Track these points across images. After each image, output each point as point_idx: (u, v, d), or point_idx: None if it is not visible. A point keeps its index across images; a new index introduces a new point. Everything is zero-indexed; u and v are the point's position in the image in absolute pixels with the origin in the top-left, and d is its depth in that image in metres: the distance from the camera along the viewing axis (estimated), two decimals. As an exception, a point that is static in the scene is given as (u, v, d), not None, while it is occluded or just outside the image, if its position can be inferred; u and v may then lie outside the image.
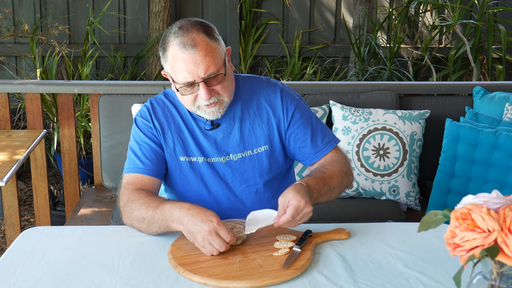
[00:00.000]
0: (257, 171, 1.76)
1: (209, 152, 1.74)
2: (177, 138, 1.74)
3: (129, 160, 1.75)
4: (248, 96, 1.77)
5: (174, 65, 1.60)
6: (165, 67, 1.67)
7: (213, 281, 1.36)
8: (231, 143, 1.74)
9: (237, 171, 1.75)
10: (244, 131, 1.75)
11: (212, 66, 1.59)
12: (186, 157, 1.74)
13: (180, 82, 1.61)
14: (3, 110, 2.87)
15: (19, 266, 1.44)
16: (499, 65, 4.10)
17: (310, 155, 1.79)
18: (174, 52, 1.60)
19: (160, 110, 1.77)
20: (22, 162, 2.43)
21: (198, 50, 1.57)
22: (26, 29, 4.03)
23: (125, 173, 1.73)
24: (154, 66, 4.45)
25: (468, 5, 4.01)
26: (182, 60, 1.58)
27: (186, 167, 1.75)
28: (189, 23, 1.62)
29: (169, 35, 1.61)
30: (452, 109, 2.81)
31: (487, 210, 1.01)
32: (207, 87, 1.61)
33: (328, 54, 4.68)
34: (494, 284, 1.07)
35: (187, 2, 4.61)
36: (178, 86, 1.63)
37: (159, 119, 1.76)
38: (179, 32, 1.60)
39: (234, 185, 1.76)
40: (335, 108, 2.72)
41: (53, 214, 3.18)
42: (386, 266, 1.46)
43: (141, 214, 1.58)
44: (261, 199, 1.79)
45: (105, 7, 4.27)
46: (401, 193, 2.64)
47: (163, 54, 1.65)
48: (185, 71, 1.58)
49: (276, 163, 1.79)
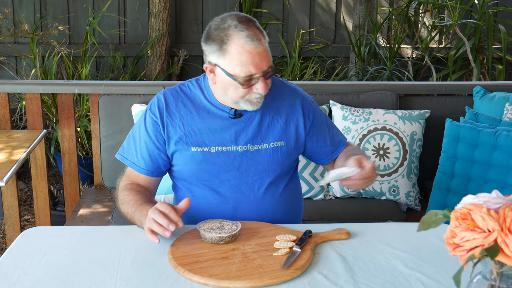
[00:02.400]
0: (271, 164, 1.79)
1: (226, 141, 1.76)
2: (189, 130, 1.75)
3: (128, 148, 1.81)
4: (270, 92, 1.80)
5: (238, 58, 1.61)
6: (217, 60, 1.65)
7: (213, 281, 1.36)
8: (249, 134, 1.77)
9: (252, 161, 1.78)
10: (263, 124, 1.78)
11: (270, 60, 1.66)
12: (198, 147, 1.75)
13: (242, 75, 1.63)
14: (3, 110, 2.87)
15: (19, 266, 1.44)
16: (499, 65, 4.10)
17: (328, 154, 1.89)
18: (239, 45, 1.60)
19: (173, 103, 1.78)
20: (22, 162, 2.43)
21: (262, 45, 1.62)
22: (26, 29, 4.03)
23: (121, 159, 1.82)
24: (154, 66, 4.45)
25: (468, 5, 4.01)
26: (248, 53, 1.60)
27: (198, 157, 1.75)
28: (246, 18, 1.65)
29: (228, 28, 1.61)
30: (452, 109, 2.81)
31: (487, 210, 1.01)
32: (265, 80, 1.66)
33: (328, 54, 4.68)
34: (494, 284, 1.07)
35: (187, 2, 4.61)
36: (240, 80, 1.63)
37: (170, 113, 1.77)
38: (242, 26, 1.61)
39: (248, 174, 1.78)
40: (335, 108, 2.72)
41: (53, 214, 3.18)
42: (386, 266, 1.46)
43: (125, 209, 1.71)
44: (273, 193, 1.81)
45: (105, 7, 4.28)
46: (401, 193, 2.64)
47: (220, 48, 1.63)
48: (251, 64, 1.61)
49: (288, 160, 1.83)
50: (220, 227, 1.58)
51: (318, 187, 2.65)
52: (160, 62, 4.44)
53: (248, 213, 1.77)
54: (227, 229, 1.56)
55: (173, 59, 4.61)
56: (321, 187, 2.66)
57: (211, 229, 1.57)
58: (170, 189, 2.48)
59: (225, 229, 1.57)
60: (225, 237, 1.54)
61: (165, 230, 1.47)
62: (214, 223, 1.60)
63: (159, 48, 4.42)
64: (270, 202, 1.80)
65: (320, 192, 2.66)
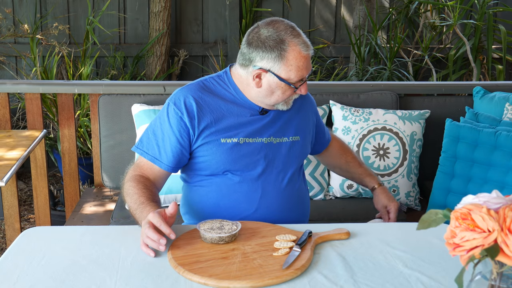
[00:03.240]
0: (291, 157, 1.89)
1: (253, 133, 1.83)
2: (218, 123, 1.80)
3: (149, 143, 1.81)
4: None
5: (294, 64, 1.73)
6: (273, 65, 1.74)
7: (213, 281, 1.36)
8: (273, 128, 1.87)
9: (276, 152, 1.86)
10: (283, 120, 1.89)
11: None
12: (227, 138, 1.80)
13: (296, 79, 1.76)
14: (3, 110, 2.87)
15: (19, 266, 1.44)
16: (499, 65, 4.10)
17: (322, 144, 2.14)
18: (297, 51, 1.73)
19: (201, 96, 1.82)
20: (22, 162, 2.43)
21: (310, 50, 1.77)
22: (26, 29, 4.03)
23: (140, 154, 1.81)
24: (154, 66, 4.45)
25: (468, 5, 4.01)
26: (304, 59, 1.74)
27: (228, 147, 1.80)
28: (290, 26, 1.76)
29: (284, 35, 1.73)
30: (452, 109, 2.81)
31: (487, 210, 1.01)
32: None
33: (328, 54, 4.68)
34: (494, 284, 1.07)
35: (187, 2, 4.61)
36: (292, 83, 1.76)
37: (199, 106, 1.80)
38: (295, 32, 1.74)
39: (273, 164, 1.85)
40: (335, 108, 2.72)
41: (53, 214, 3.18)
42: (386, 266, 1.46)
43: (128, 201, 1.73)
44: (292, 187, 1.89)
45: (105, 6, 4.27)
46: (401, 193, 2.64)
47: (280, 54, 1.72)
48: (305, 69, 1.75)
49: (304, 154, 1.96)
50: (220, 227, 1.58)
51: (318, 187, 2.65)
52: (160, 62, 4.44)
53: (272, 204, 1.84)
54: (227, 229, 1.57)
55: (173, 59, 4.61)
56: (321, 187, 2.66)
57: (211, 229, 1.57)
58: (170, 189, 2.48)
59: (225, 229, 1.57)
60: (225, 237, 1.54)
61: (159, 245, 1.49)
62: (214, 223, 1.60)
63: (159, 48, 4.42)
64: (290, 195, 1.88)
65: (320, 192, 2.66)
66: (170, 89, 2.78)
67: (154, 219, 1.52)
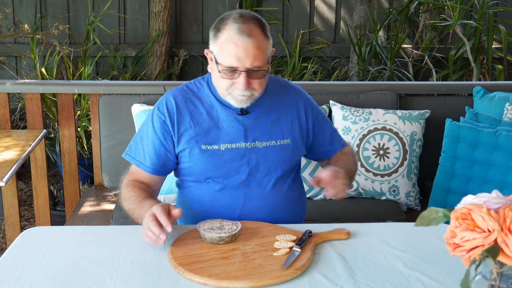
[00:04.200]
0: (278, 161, 1.83)
1: (235, 138, 1.79)
2: (199, 128, 1.78)
3: (136, 148, 1.82)
4: (275, 92, 1.87)
5: (225, 47, 1.66)
6: (212, 47, 1.72)
7: (213, 281, 1.36)
8: (258, 131, 1.81)
9: (261, 157, 1.81)
10: (270, 122, 1.83)
11: (259, 60, 1.67)
12: (208, 145, 1.77)
13: (224, 64, 1.67)
14: (3, 110, 2.87)
15: (19, 266, 1.44)
16: (499, 65, 4.10)
17: (325, 153, 1.98)
18: (229, 34, 1.66)
19: (182, 101, 1.81)
20: (22, 162, 2.43)
21: (252, 41, 1.65)
22: (26, 29, 4.03)
23: (129, 160, 1.83)
24: (154, 66, 4.45)
25: (468, 5, 4.01)
26: (235, 45, 1.65)
27: (209, 155, 1.77)
28: (250, 15, 1.70)
29: (227, 19, 1.68)
30: (452, 109, 2.81)
31: (487, 210, 1.01)
32: (247, 78, 1.68)
33: (328, 54, 4.68)
34: (494, 284, 1.07)
35: (187, 2, 4.61)
36: (220, 68, 1.68)
37: (180, 111, 1.79)
38: (240, 19, 1.67)
39: (257, 170, 1.81)
40: (335, 108, 2.72)
41: (53, 214, 3.18)
42: (386, 266, 1.46)
43: (126, 206, 1.73)
44: (280, 190, 1.84)
45: (105, 6, 4.27)
46: (401, 193, 2.64)
47: (215, 34, 1.69)
48: (234, 56, 1.65)
49: (294, 158, 1.88)
50: (220, 227, 1.58)
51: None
52: (160, 62, 4.44)
53: (256, 209, 1.80)
54: (227, 229, 1.57)
55: (173, 59, 4.61)
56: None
57: (211, 229, 1.57)
58: (170, 189, 2.48)
59: (225, 229, 1.57)
60: (225, 237, 1.54)
61: (158, 239, 1.49)
62: (214, 223, 1.60)
63: (159, 48, 4.42)
64: (276, 199, 1.83)
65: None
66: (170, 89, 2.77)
67: (157, 211, 1.51)
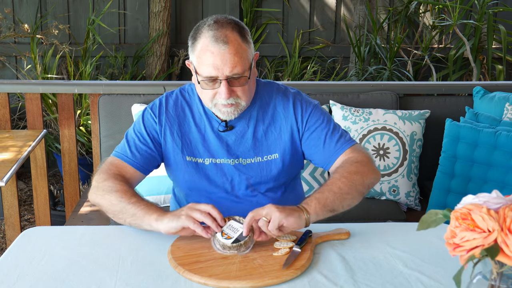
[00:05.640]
0: (263, 178, 1.76)
1: (218, 153, 1.74)
2: (185, 138, 1.75)
3: (121, 145, 1.76)
4: (266, 102, 1.77)
5: (201, 57, 1.59)
6: (191, 57, 1.66)
7: (213, 281, 1.36)
8: (242, 147, 1.74)
9: (244, 175, 1.75)
10: (257, 136, 1.75)
11: (239, 66, 1.58)
12: (192, 157, 1.74)
13: (203, 75, 1.60)
14: (3, 110, 2.87)
15: (19, 266, 1.44)
16: (499, 65, 4.10)
17: (324, 160, 1.76)
18: (204, 43, 1.58)
19: (173, 108, 1.77)
20: (22, 162, 2.43)
21: (228, 48, 1.57)
22: (26, 28, 4.03)
23: (113, 155, 1.74)
24: (154, 66, 4.45)
25: (468, 5, 4.01)
26: (210, 53, 1.57)
27: (192, 167, 1.75)
28: (225, 20, 1.62)
29: (202, 26, 1.61)
30: (452, 109, 2.81)
31: (487, 210, 1.01)
32: (229, 86, 1.60)
33: (328, 54, 4.68)
34: (494, 284, 1.07)
35: (187, 2, 4.61)
36: (200, 79, 1.62)
37: (169, 117, 1.76)
38: (214, 26, 1.59)
39: (240, 188, 1.76)
40: (335, 108, 2.72)
41: (53, 214, 3.18)
42: (386, 266, 1.46)
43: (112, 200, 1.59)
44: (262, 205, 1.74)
45: (106, 6, 4.27)
46: (401, 193, 2.64)
47: (192, 44, 1.63)
48: (211, 65, 1.57)
49: (284, 173, 1.78)
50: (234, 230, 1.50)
51: (318, 186, 2.65)
52: (160, 62, 4.44)
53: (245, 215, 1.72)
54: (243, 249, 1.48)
55: (173, 59, 4.61)
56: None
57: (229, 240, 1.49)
58: (171, 189, 2.48)
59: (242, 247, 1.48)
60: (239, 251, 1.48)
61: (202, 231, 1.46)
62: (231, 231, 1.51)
63: (159, 48, 4.42)
64: None
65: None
66: (170, 89, 2.77)
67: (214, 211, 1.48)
